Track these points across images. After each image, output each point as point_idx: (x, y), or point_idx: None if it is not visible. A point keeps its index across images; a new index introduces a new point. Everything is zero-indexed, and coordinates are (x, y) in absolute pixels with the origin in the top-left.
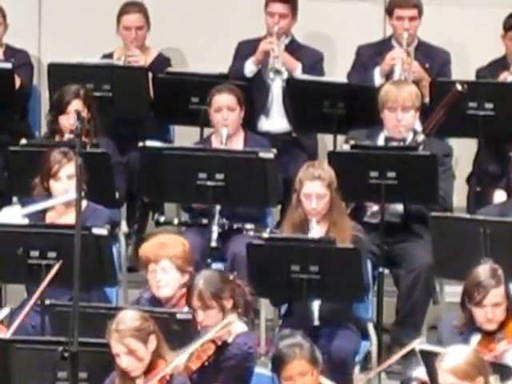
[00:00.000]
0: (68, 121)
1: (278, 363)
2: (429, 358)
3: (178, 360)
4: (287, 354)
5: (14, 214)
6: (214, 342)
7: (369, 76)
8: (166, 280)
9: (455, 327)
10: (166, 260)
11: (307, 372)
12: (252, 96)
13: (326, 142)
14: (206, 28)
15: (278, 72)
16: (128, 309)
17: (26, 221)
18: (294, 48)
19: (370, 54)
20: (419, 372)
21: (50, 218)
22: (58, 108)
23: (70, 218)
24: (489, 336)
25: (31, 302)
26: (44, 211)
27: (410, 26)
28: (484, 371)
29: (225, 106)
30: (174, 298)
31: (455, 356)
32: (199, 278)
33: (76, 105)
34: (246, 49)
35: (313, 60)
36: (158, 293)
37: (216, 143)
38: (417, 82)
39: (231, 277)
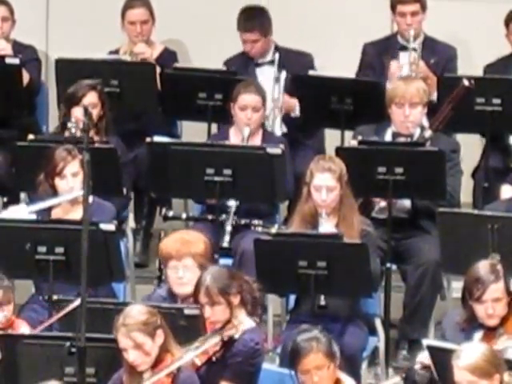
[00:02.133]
0: (81, 112)
1: (295, 356)
2: (437, 354)
3: (184, 359)
4: (304, 347)
5: (20, 213)
6: (220, 338)
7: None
8: (188, 278)
9: (457, 324)
10: (189, 258)
11: (324, 366)
12: None
13: (332, 137)
14: (207, 21)
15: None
16: (135, 303)
17: (33, 216)
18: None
19: (376, 53)
20: (422, 357)
21: (55, 215)
22: (73, 99)
23: (75, 214)
24: (490, 332)
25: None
26: (49, 209)
27: (412, 21)
28: (500, 368)
29: (250, 106)
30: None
31: (472, 353)
32: (206, 274)
33: (91, 97)
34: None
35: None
36: (180, 290)
37: (234, 139)
38: (423, 80)
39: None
